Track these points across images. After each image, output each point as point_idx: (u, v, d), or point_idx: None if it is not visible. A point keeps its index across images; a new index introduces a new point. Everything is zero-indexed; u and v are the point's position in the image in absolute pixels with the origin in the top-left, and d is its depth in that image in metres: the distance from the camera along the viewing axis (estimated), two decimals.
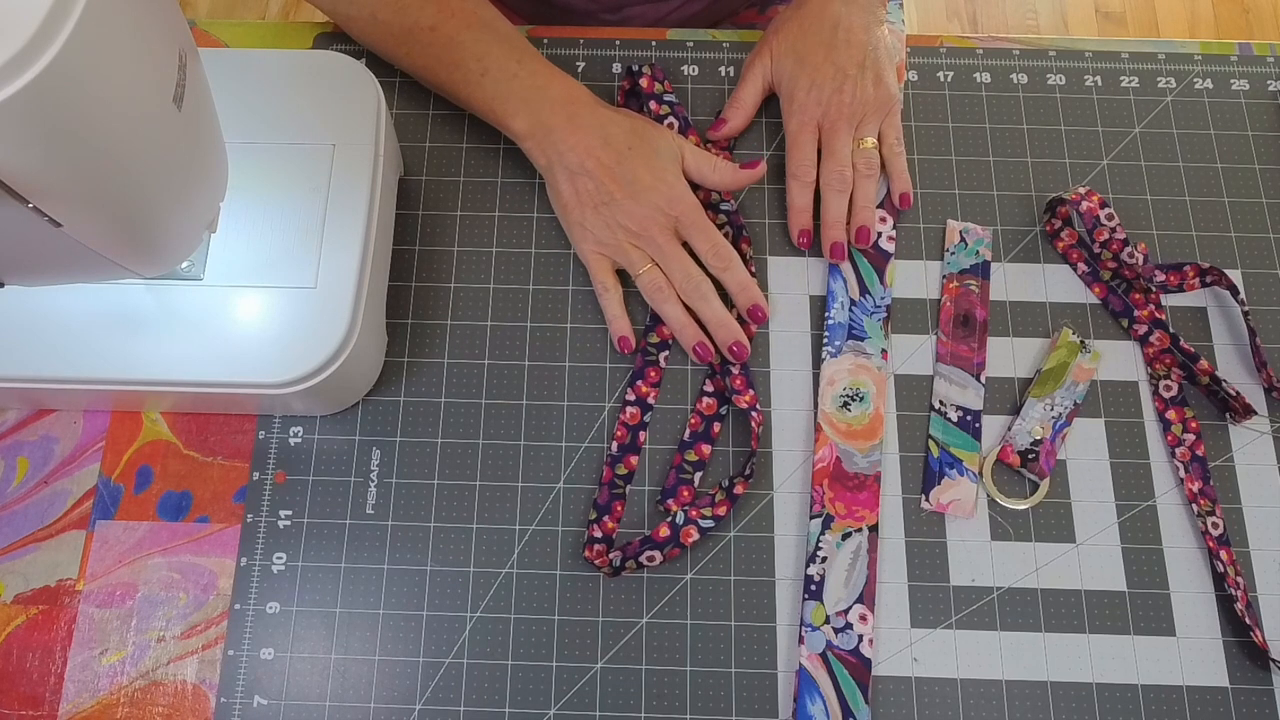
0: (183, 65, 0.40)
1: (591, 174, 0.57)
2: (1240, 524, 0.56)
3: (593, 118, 0.58)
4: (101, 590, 0.55)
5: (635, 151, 0.57)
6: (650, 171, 0.57)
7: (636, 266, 0.58)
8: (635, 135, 0.58)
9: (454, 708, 0.53)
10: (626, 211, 0.57)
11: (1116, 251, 0.59)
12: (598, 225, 0.58)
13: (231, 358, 0.52)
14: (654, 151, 0.58)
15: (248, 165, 0.54)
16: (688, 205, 0.57)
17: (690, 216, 0.57)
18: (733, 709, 0.53)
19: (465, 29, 0.59)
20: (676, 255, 0.57)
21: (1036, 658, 0.54)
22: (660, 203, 0.57)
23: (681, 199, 0.57)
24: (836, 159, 0.60)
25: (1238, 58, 0.67)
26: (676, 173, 0.58)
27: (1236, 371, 0.59)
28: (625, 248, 0.57)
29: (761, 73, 0.63)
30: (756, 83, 0.63)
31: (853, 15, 0.61)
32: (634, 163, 0.57)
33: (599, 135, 0.57)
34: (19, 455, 0.57)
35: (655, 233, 0.57)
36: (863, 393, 0.58)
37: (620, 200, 0.57)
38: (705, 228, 0.58)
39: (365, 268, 0.54)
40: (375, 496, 0.57)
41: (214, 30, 0.67)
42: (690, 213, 0.57)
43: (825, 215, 0.60)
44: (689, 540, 0.54)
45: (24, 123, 0.32)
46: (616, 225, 0.57)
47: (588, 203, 0.57)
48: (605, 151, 0.57)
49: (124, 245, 0.43)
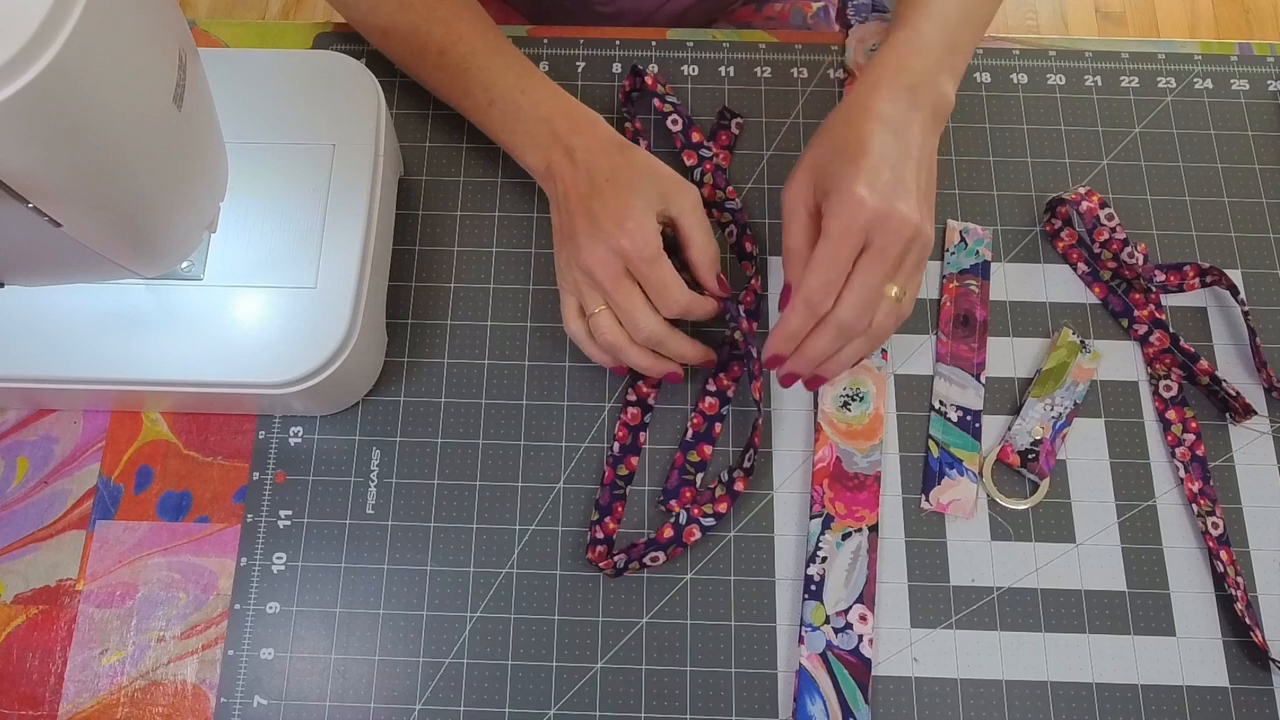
0: (183, 65, 0.40)
1: (567, 208, 0.55)
2: (1240, 524, 0.56)
3: (587, 152, 0.55)
4: (101, 590, 0.55)
5: (609, 186, 0.53)
6: (616, 209, 0.53)
7: (589, 308, 0.54)
8: (616, 170, 0.54)
9: (454, 708, 0.53)
10: (583, 249, 0.53)
11: (1116, 251, 0.59)
12: (562, 261, 0.55)
13: (231, 358, 0.52)
14: (629, 189, 0.53)
15: (248, 165, 0.54)
16: (639, 247, 0.52)
17: (638, 260, 0.52)
18: (733, 709, 0.53)
19: (471, 55, 0.58)
20: (624, 300, 0.53)
21: (1036, 658, 0.54)
22: (613, 244, 0.52)
23: (634, 241, 0.52)
24: (866, 297, 0.49)
25: (1238, 58, 0.67)
26: (644, 214, 0.53)
27: (1236, 371, 0.59)
28: (581, 287, 0.54)
29: (804, 193, 0.51)
30: (802, 210, 0.51)
31: (914, 128, 0.50)
32: (603, 199, 0.53)
33: (585, 170, 0.54)
34: (19, 455, 0.57)
35: (604, 275, 0.53)
36: (863, 393, 0.58)
37: (579, 237, 0.53)
38: (651, 276, 0.52)
39: (365, 268, 0.54)
40: (375, 496, 0.57)
41: (214, 30, 0.67)
42: (638, 255, 0.52)
43: (809, 345, 0.51)
44: (691, 539, 0.54)
45: (24, 123, 0.32)
46: (574, 263, 0.54)
47: (559, 237, 0.56)
48: (584, 185, 0.54)
49: (124, 245, 0.43)
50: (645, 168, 0.55)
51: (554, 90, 0.58)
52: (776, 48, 0.67)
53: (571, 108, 0.57)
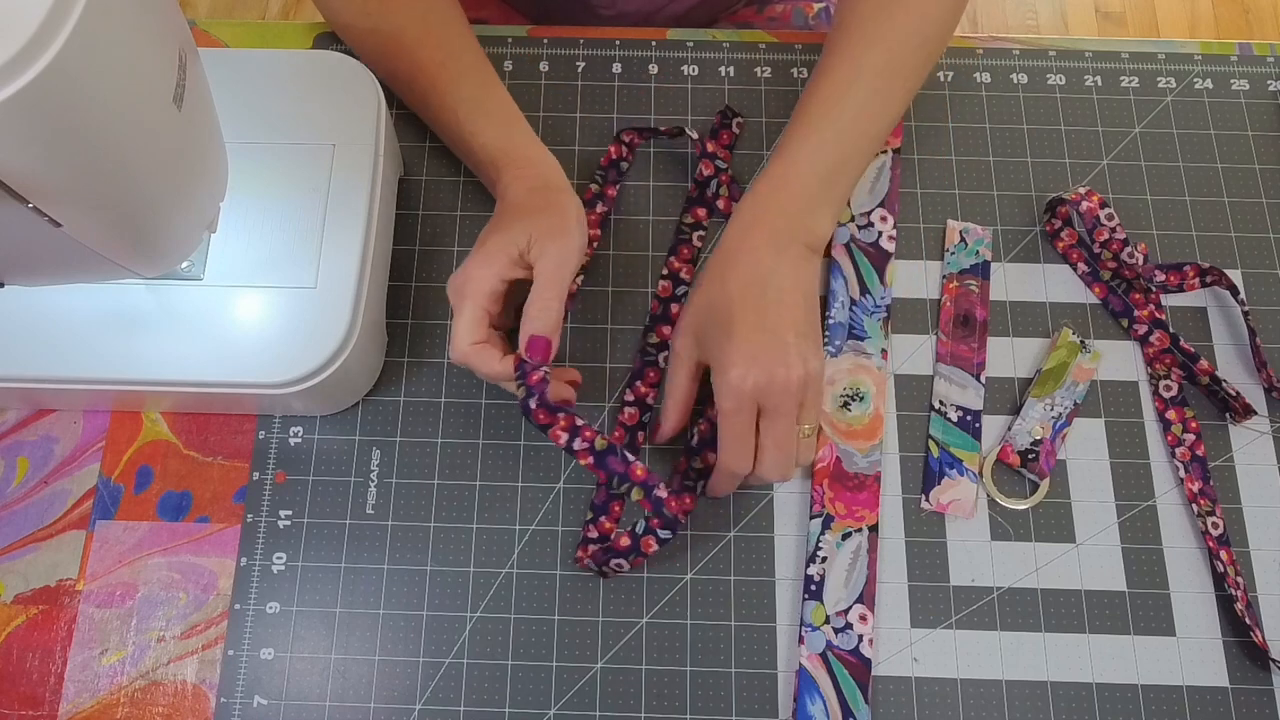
0: (183, 65, 0.40)
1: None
2: (1240, 524, 0.56)
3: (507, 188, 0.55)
4: (101, 590, 0.55)
5: (493, 220, 0.54)
6: (479, 241, 0.53)
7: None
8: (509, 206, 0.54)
9: (454, 708, 0.53)
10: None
11: (1116, 251, 0.59)
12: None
13: (231, 358, 0.52)
14: (499, 227, 0.53)
15: (248, 165, 0.54)
16: (458, 284, 0.52)
17: (452, 294, 0.52)
18: (733, 709, 0.53)
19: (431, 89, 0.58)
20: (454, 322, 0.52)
21: (1036, 658, 0.54)
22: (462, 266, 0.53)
23: (460, 275, 0.52)
24: (782, 451, 0.51)
25: (1238, 58, 0.67)
26: (490, 253, 0.51)
27: (1236, 371, 0.59)
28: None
29: (688, 353, 0.54)
30: (685, 365, 0.54)
31: (783, 270, 0.53)
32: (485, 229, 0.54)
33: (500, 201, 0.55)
34: (19, 455, 0.57)
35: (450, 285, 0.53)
36: (863, 393, 0.58)
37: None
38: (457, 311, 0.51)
39: (365, 268, 0.54)
40: (375, 496, 0.57)
41: (214, 30, 0.67)
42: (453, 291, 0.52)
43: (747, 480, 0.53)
44: (649, 550, 0.53)
45: (24, 123, 0.32)
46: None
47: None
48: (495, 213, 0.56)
49: (124, 245, 0.43)
50: (535, 209, 0.53)
51: (503, 128, 0.57)
52: (777, 48, 0.67)
53: (513, 148, 0.56)
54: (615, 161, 0.62)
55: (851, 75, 0.57)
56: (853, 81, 0.57)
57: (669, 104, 0.65)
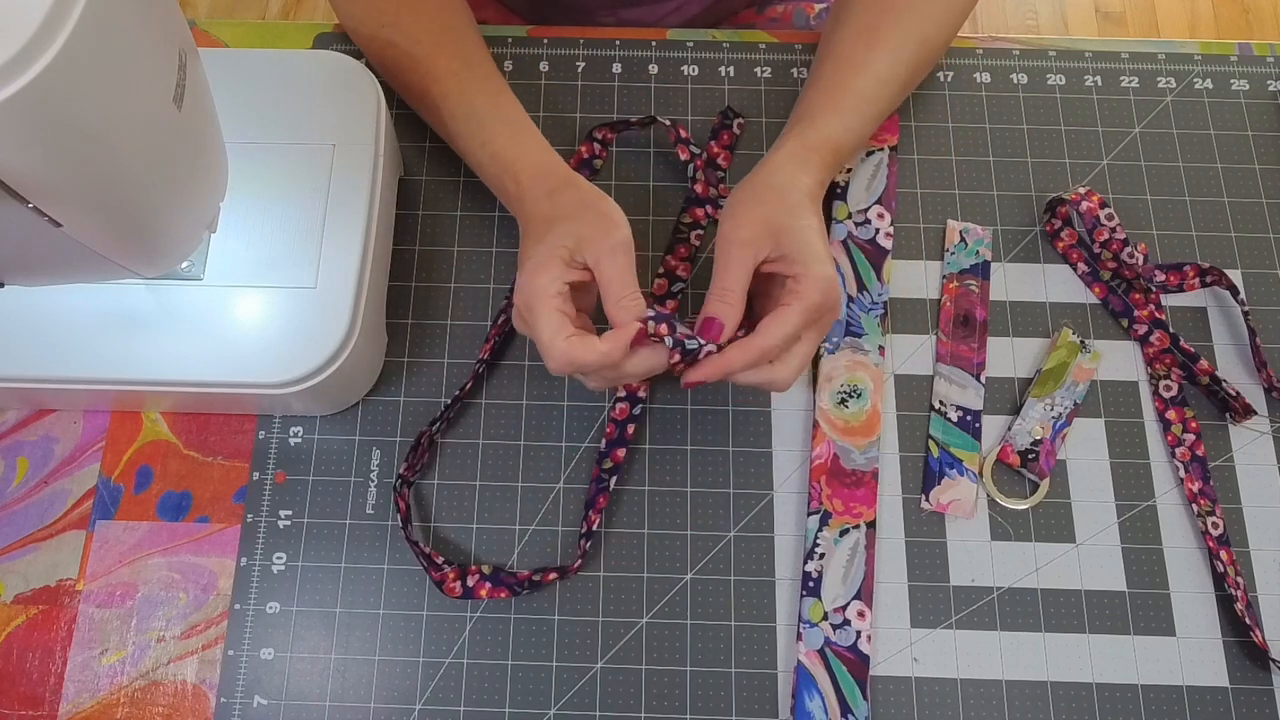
0: (183, 65, 0.40)
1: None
2: (1240, 524, 0.56)
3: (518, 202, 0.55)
4: (101, 590, 0.55)
5: (526, 236, 0.53)
6: (522, 259, 0.52)
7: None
8: (534, 219, 0.53)
9: (454, 708, 0.53)
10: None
11: (1116, 251, 0.59)
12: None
13: (231, 358, 0.52)
14: (536, 239, 0.52)
15: (248, 165, 0.54)
16: (521, 302, 0.50)
17: (522, 306, 0.50)
18: (733, 709, 0.53)
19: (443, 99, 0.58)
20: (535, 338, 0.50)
21: (1036, 658, 0.54)
22: (516, 295, 0.51)
23: (520, 296, 0.50)
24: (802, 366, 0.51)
25: (1238, 58, 0.67)
26: (538, 265, 0.50)
27: (1236, 371, 0.59)
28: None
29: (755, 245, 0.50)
30: (748, 260, 0.50)
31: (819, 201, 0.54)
32: (522, 247, 0.53)
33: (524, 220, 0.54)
34: (19, 455, 0.57)
35: (516, 316, 0.52)
36: (860, 389, 0.58)
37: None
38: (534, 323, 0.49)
39: (365, 268, 0.54)
40: (375, 496, 0.57)
41: (214, 30, 0.67)
42: (521, 309, 0.51)
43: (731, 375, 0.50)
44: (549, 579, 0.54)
45: (24, 123, 0.32)
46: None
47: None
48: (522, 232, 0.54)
49: (124, 245, 0.43)
50: (570, 211, 0.52)
51: (511, 138, 0.56)
52: (776, 48, 0.67)
53: (528, 154, 0.56)
54: (587, 160, 0.63)
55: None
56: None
57: (669, 104, 0.65)
